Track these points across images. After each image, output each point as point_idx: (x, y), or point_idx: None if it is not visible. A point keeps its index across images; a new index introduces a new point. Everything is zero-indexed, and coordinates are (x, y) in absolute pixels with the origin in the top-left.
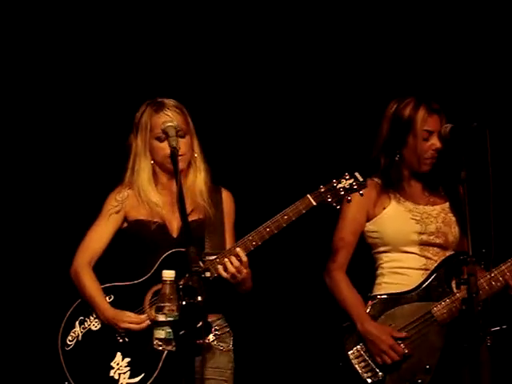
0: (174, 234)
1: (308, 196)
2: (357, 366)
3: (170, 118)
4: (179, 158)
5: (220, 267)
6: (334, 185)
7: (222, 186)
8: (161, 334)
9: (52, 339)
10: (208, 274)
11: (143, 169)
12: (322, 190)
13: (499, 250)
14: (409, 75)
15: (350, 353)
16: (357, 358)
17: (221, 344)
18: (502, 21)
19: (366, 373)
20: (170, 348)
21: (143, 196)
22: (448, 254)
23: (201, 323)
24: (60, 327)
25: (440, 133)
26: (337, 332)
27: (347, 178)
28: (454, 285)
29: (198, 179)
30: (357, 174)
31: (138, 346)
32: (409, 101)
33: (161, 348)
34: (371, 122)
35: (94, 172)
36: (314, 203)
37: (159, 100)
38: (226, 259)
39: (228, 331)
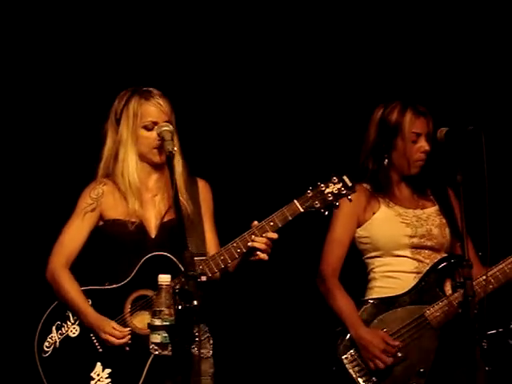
0: (152, 234)
1: (295, 201)
2: (351, 370)
3: (161, 106)
4: (160, 150)
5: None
6: (321, 189)
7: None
8: (157, 338)
9: (28, 344)
10: (204, 278)
11: (131, 158)
12: (310, 194)
13: (495, 252)
14: (401, 79)
15: (343, 357)
16: (351, 362)
17: (201, 351)
18: (497, 24)
19: (361, 377)
20: (166, 352)
21: (133, 185)
22: (440, 256)
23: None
24: (36, 332)
25: (429, 135)
26: (330, 336)
27: (335, 181)
28: (446, 288)
29: (176, 173)
30: (345, 178)
31: (119, 357)
32: (395, 104)
33: (157, 352)
34: (358, 128)
35: (62, 170)
36: (302, 210)
37: (145, 88)
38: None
39: (208, 337)
